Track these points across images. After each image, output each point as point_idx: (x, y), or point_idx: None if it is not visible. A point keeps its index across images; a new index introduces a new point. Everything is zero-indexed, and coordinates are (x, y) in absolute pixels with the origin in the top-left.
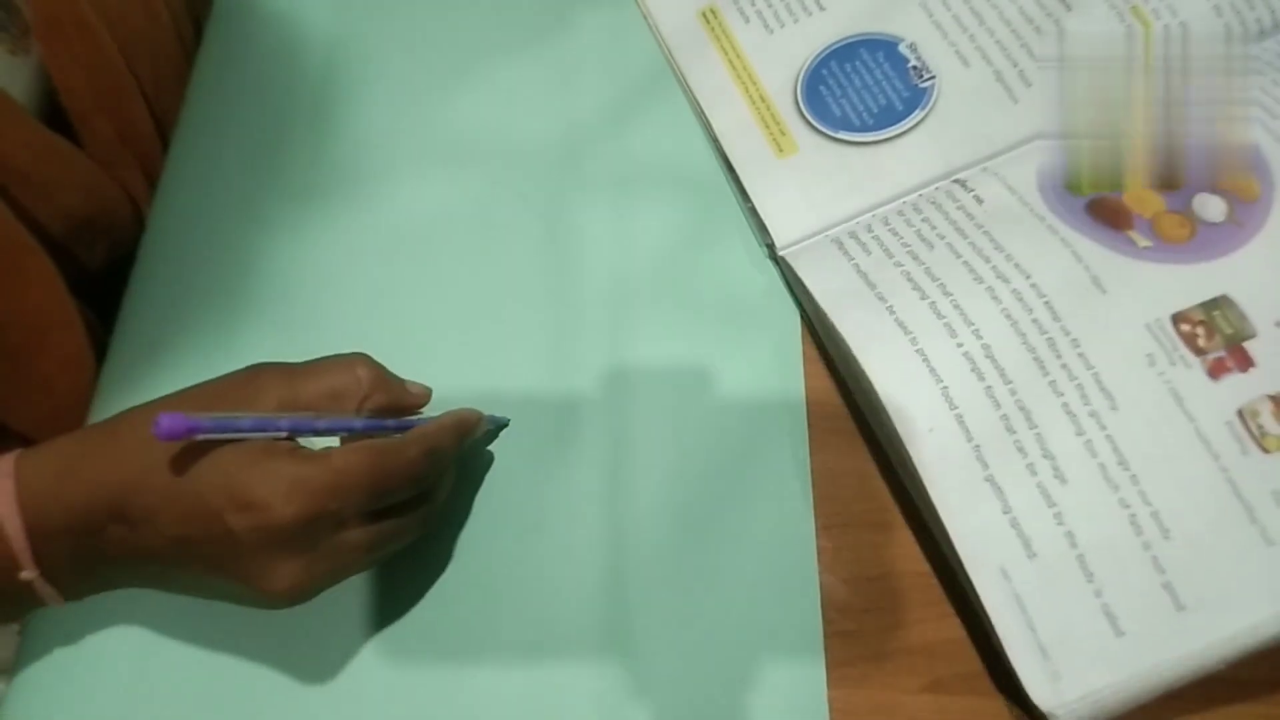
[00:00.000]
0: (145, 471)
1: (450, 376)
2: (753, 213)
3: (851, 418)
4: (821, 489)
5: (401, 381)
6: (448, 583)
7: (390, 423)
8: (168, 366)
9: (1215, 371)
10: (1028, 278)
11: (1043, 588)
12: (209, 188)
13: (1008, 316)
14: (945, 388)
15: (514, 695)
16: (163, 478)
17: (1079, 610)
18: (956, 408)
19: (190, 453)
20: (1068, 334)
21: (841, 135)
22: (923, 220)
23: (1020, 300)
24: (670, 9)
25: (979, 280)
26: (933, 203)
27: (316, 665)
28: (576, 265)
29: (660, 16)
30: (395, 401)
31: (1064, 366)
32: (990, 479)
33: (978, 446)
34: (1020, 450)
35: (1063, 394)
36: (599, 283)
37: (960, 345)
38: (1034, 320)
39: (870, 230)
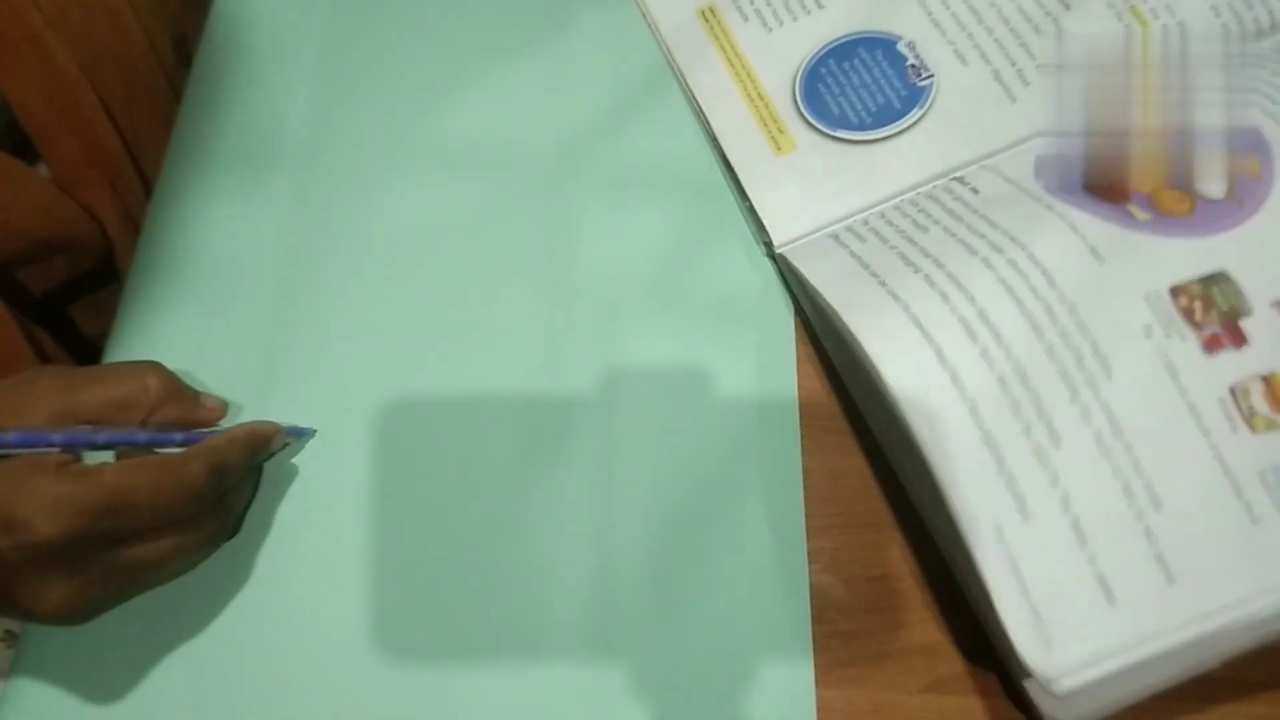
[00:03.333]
0: None
1: (446, 376)
2: (751, 211)
3: (850, 418)
4: (820, 489)
5: (196, 394)
6: (438, 582)
7: (177, 436)
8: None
9: (1210, 346)
10: (1024, 249)
11: (1037, 549)
12: (204, 192)
13: (1003, 283)
14: (939, 349)
15: (501, 694)
16: None
17: (1072, 575)
18: (951, 368)
19: None
20: (1064, 300)
21: (840, 134)
22: (919, 211)
23: (1016, 268)
24: (669, 8)
25: (973, 253)
26: (930, 198)
27: (308, 667)
28: (573, 264)
29: (659, 15)
30: (186, 415)
31: (1061, 333)
32: (986, 438)
33: (973, 404)
34: (1015, 412)
35: (1058, 359)
36: (595, 282)
37: (954, 310)
38: (1030, 287)
39: (867, 224)
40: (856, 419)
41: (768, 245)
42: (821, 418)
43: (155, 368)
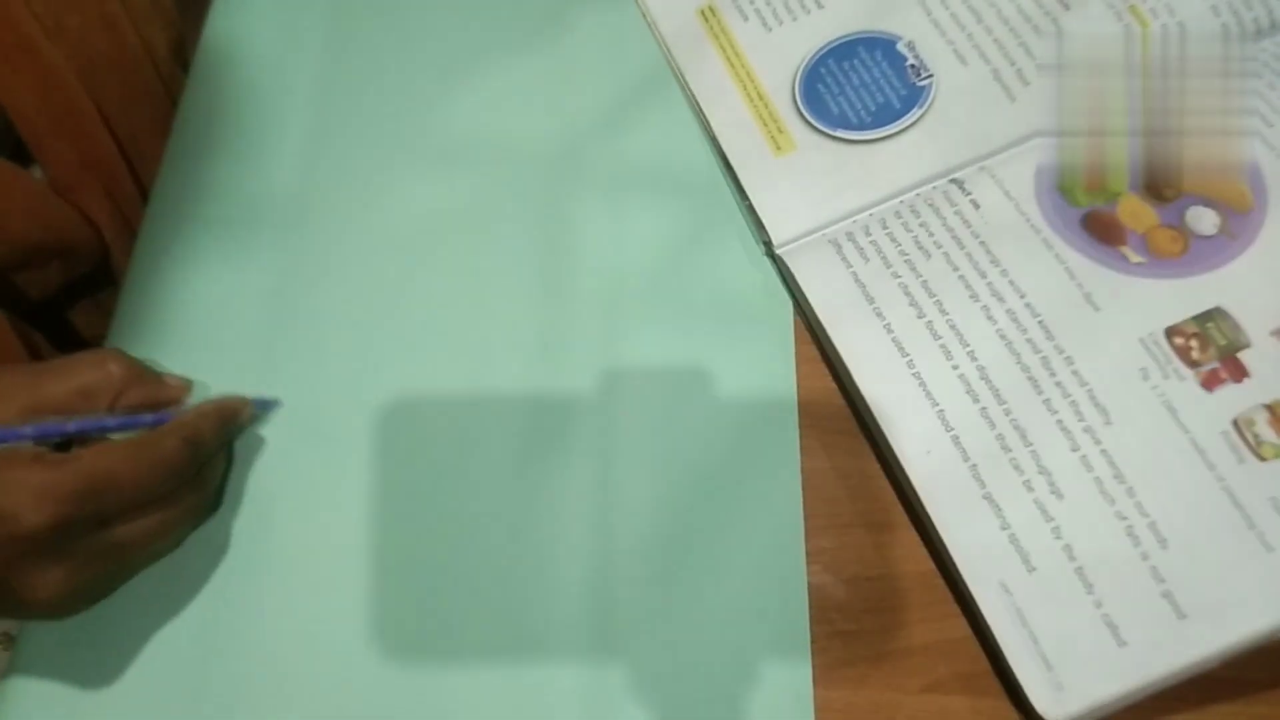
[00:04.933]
0: None
1: (444, 375)
2: (750, 211)
3: (851, 417)
4: (821, 488)
5: (159, 375)
6: (435, 581)
7: (147, 417)
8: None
9: (1209, 383)
10: (1022, 297)
11: (1044, 601)
12: (202, 196)
13: (1002, 337)
14: (941, 410)
15: (499, 694)
16: None
17: (1080, 622)
18: (952, 429)
19: None
20: (1061, 352)
21: (839, 133)
22: (920, 225)
23: (1015, 320)
24: (669, 8)
25: (975, 298)
26: (930, 205)
27: (307, 668)
28: (572, 264)
29: (659, 15)
30: (152, 396)
31: (1058, 384)
32: (988, 496)
33: (974, 466)
34: (1016, 468)
35: (1057, 411)
36: (594, 281)
37: (956, 367)
38: (1028, 340)
39: (868, 233)
40: (857, 418)
41: (767, 244)
42: (822, 417)
43: (115, 353)
